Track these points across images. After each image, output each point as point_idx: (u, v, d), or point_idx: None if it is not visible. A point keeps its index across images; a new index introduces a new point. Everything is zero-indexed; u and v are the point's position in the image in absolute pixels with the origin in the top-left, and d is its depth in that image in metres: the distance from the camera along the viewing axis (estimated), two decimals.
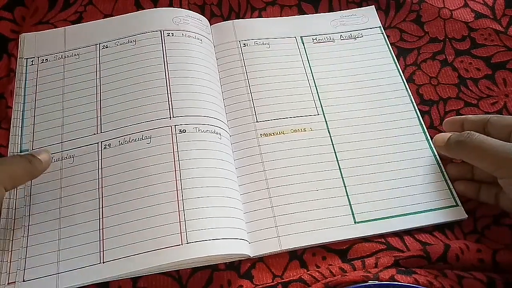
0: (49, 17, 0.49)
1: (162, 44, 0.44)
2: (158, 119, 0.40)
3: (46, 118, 0.42)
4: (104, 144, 0.39)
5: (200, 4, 0.51)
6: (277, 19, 0.51)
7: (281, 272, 0.37)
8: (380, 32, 0.50)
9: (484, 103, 0.45)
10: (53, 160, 0.39)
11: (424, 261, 0.37)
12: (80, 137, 0.40)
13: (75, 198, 0.38)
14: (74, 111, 0.42)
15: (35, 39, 0.46)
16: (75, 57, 0.44)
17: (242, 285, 0.37)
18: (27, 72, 0.44)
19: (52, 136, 0.41)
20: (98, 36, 0.46)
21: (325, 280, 0.35)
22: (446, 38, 0.49)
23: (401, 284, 0.33)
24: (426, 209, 0.40)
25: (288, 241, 0.38)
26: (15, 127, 0.42)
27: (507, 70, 0.47)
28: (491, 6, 0.51)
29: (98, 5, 0.50)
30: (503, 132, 0.37)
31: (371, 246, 0.38)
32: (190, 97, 0.42)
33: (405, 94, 0.46)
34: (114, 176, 0.38)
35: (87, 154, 0.39)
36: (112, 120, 0.41)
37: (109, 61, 0.44)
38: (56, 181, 0.39)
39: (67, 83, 0.43)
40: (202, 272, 0.37)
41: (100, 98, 0.42)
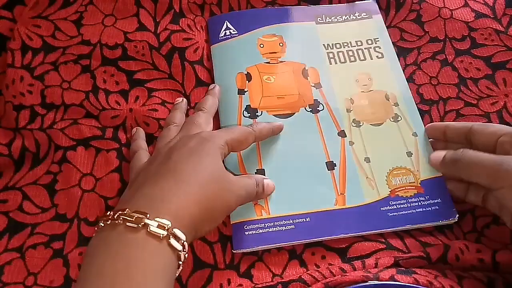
0: (48, 12, 0.49)
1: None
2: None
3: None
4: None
5: (200, 4, 0.51)
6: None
7: (281, 271, 0.37)
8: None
9: (484, 103, 0.45)
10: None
11: (424, 261, 0.37)
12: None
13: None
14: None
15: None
16: None
17: (242, 284, 0.37)
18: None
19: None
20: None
21: (325, 280, 0.35)
22: (446, 37, 0.49)
23: (401, 284, 0.33)
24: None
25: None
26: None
27: (507, 70, 0.47)
28: (491, 5, 0.51)
29: (98, 5, 0.50)
30: (489, 140, 0.37)
31: (371, 246, 0.38)
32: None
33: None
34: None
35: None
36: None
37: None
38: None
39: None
40: (202, 271, 0.37)
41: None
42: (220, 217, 0.35)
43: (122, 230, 0.29)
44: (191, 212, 0.31)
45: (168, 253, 0.29)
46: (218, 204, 0.34)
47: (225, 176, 0.35)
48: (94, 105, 0.44)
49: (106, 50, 0.47)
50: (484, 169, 0.35)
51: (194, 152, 0.34)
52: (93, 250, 0.30)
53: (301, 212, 0.39)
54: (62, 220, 0.40)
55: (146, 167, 0.36)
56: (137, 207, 0.30)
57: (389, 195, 0.40)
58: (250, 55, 0.47)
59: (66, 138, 0.43)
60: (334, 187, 0.40)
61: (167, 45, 0.48)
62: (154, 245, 0.29)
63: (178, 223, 0.30)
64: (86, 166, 0.42)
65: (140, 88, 0.46)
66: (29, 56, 0.46)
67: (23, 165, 0.42)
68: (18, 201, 0.40)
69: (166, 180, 0.32)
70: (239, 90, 0.45)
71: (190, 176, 0.33)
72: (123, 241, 0.29)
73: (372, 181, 0.41)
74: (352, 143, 0.43)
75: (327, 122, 0.44)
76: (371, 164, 0.42)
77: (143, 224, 0.29)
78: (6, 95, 0.44)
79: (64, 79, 0.46)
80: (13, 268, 0.37)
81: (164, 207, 0.30)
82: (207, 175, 0.33)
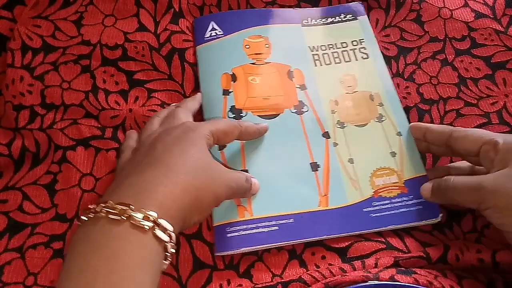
0: (48, 12, 0.49)
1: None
2: None
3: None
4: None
5: (199, 5, 0.51)
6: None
7: (281, 271, 0.37)
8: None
9: (484, 103, 0.45)
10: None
11: (424, 261, 0.37)
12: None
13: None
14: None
15: None
16: None
17: (241, 284, 0.37)
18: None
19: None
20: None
21: (325, 280, 0.35)
22: (446, 37, 0.49)
23: (401, 284, 0.33)
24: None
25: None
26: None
27: (507, 70, 0.47)
28: (491, 6, 0.51)
29: (98, 5, 0.50)
30: (470, 147, 0.37)
31: (371, 246, 0.38)
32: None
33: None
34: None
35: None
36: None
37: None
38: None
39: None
40: (202, 272, 0.37)
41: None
42: (208, 207, 0.34)
43: (104, 223, 0.28)
44: (178, 202, 0.30)
45: (154, 245, 0.28)
46: (207, 193, 0.33)
47: (214, 165, 0.34)
48: (94, 105, 0.44)
49: (106, 51, 0.47)
50: (468, 195, 0.35)
51: (180, 141, 0.33)
52: (74, 245, 0.29)
53: (284, 213, 0.39)
54: (62, 220, 0.40)
55: (131, 158, 0.36)
56: (121, 198, 0.29)
57: (372, 195, 0.40)
58: (235, 56, 0.47)
59: (66, 138, 0.43)
60: (318, 188, 0.40)
61: (167, 46, 0.48)
62: (138, 237, 0.28)
63: (165, 213, 0.29)
64: (85, 166, 0.42)
65: (140, 89, 0.46)
66: (29, 56, 0.46)
67: (23, 165, 0.42)
68: (18, 201, 0.40)
69: (151, 169, 0.31)
70: (224, 90, 0.45)
71: (176, 164, 0.32)
72: (106, 234, 0.28)
73: (355, 182, 0.41)
74: (336, 144, 0.43)
75: (311, 124, 0.44)
76: (354, 165, 0.42)
77: (127, 216, 0.28)
78: (6, 95, 0.44)
79: (64, 79, 0.46)
80: (13, 268, 0.37)
81: (150, 197, 0.29)
82: (194, 163, 0.32)
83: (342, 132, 0.43)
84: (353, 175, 0.41)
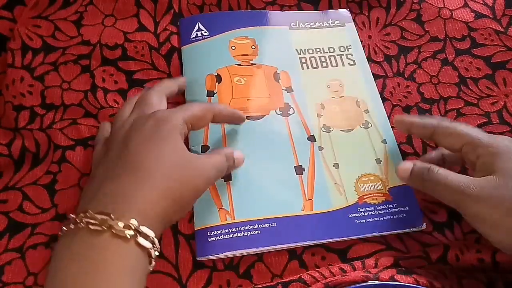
0: (48, 12, 0.49)
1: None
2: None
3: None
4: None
5: (199, 5, 0.51)
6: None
7: (280, 272, 0.37)
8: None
9: (484, 103, 0.45)
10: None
11: (424, 261, 0.37)
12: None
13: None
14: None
15: None
16: None
17: (241, 285, 0.37)
18: None
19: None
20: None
21: (325, 280, 0.35)
22: (447, 37, 0.49)
23: (401, 284, 0.33)
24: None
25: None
26: None
27: (507, 70, 0.47)
28: (491, 6, 0.51)
29: (98, 5, 0.50)
30: (453, 145, 0.36)
31: (371, 246, 0.38)
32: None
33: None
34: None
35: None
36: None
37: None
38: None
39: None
40: (202, 272, 0.37)
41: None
42: (189, 204, 0.34)
43: (85, 234, 0.28)
44: (158, 206, 0.30)
45: (137, 253, 0.28)
46: (186, 192, 0.32)
47: (189, 160, 0.33)
48: (93, 104, 0.44)
49: (106, 51, 0.47)
50: (450, 195, 0.34)
51: (151, 138, 0.32)
52: (56, 257, 0.29)
53: (267, 217, 0.38)
54: (62, 220, 0.40)
55: (104, 158, 0.34)
56: (100, 207, 0.29)
57: (357, 201, 0.40)
58: (221, 57, 0.47)
59: (65, 138, 0.43)
60: (302, 192, 0.40)
61: (166, 45, 0.48)
62: (121, 246, 0.27)
63: (146, 220, 0.29)
64: (85, 166, 0.42)
65: (139, 88, 0.46)
66: (29, 56, 0.46)
67: (23, 165, 0.42)
68: (18, 201, 0.40)
69: (127, 175, 0.30)
70: (208, 91, 0.44)
71: (152, 168, 0.31)
72: (87, 245, 0.28)
73: (340, 187, 0.41)
74: (322, 148, 0.42)
75: (297, 126, 0.43)
76: (339, 170, 0.41)
77: (108, 226, 0.27)
78: (6, 95, 0.44)
79: (64, 79, 0.46)
80: (13, 268, 0.37)
81: (129, 205, 0.29)
82: (170, 163, 0.31)
83: (328, 136, 0.43)
84: (338, 180, 0.41)
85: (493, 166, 0.33)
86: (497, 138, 0.35)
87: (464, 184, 0.33)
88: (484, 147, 0.34)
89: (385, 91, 0.47)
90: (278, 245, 0.37)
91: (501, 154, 0.33)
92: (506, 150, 0.33)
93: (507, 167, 0.32)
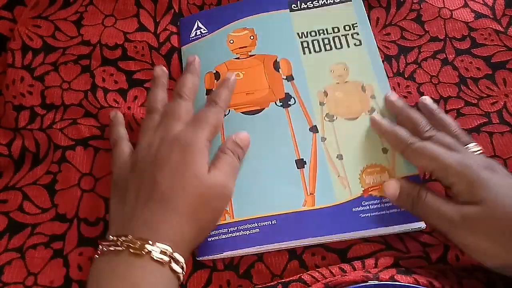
0: (48, 12, 0.49)
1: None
2: None
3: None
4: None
5: (199, 5, 0.51)
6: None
7: (280, 272, 0.37)
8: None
9: (484, 103, 0.45)
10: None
11: (424, 261, 0.37)
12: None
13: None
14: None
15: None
16: None
17: (241, 285, 0.37)
18: None
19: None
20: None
21: (325, 280, 0.35)
22: (447, 37, 0.49)
23: (401, 284, 0.33)
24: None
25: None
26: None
27: (507, 70, 0.47)
28: (491, 6, 0.50)
29: (98, 6, 0.50)
30: (424, 166, 0.37)
31: (371, 246, 0.38)
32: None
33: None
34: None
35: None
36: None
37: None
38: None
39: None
40: (202, 272, 0.37)
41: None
42: (210, 229, 0.37)
43: (126, 255, 0.31)
44: (186, 235, 0.33)
45: (170, 276, 0.32)
46: (210, 215, 0.36)
47: (209, 185, 0.35)
48: (93, 104, 0.44)
49: (106, 51, 0.47)
50: (437, 221, 0.34)
51: (177, 169, 0.34)
52: (98, 273, 0.32)
53: (266, 215, 0.37)
54: (62, 220, 0.40)
55: (133, 179, 0.36)
56: (138, 233, 0.32)
57: (362, 194, 0.38)
58: (219, 53, 0.45)
59: (65, 138, 0.43)
60: (304, 187, 0.38)
61: (166, 45, 0.48)
62: (157, 269, 0.31)
63: (177, 247, 0.32)
64: (85, 166, 0.42)
65: (139, 88, 0.46)
66: (29, 56, 0.46)
67: (23, 165, 0.42)
68: (18, 201, 0.40)
69: (157, 207, 0.33)
70: (208, 90, 0.44)
71: (178, 199, 0.34)
72: (129, 265, 0.31)
73: (344, 179, 0.39)
74: (324, 139, 0.41)
75: (298, 117, 0.42)
76: (343, 162, 0.40)
77: (147, 251, 0.31)
78: (6, 95, 0.45)
79: (64, 79, 0.46)
80: (13, 268, 0.38)
81: (163, 233, 0.32)
82: (195, 192, 0.34)
83: (331, 125, 0.41)
84: (341, 172, 0.39)
85: (473, 196, 0.33)
86: (468, 161, 0.34)
87: (451, 216, 0.33)
88: (456, 175, 0.34)
89: None
90: (279, 243, 0.37)
91: (475, 182, 0.33)
92: (477, 178, 0.33)
93: (489, 197, 0.32)
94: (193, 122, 0.38)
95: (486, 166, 0.34)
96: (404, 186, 0.36)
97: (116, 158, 0.38)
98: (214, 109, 0.39)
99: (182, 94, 0.39)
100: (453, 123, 0.40)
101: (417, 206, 0.35)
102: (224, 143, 0.39)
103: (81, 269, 0.38)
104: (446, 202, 0.34)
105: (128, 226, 0.33)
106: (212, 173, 0.35)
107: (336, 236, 0.37)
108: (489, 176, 0.33)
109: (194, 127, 0.37)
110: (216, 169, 0.36)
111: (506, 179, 0.33)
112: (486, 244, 0.32)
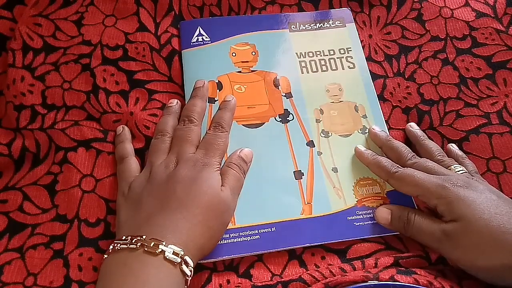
0: (48, 11, 0.49)
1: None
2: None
3: None
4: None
5: (199, 6, 0.51)
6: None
7: (280, 271, 0.38)
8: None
9: (484, 103, 0.45)
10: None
11: (424, 261, 0.37)
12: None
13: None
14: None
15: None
16: None
17: (240, 283, 0.37)
18: None
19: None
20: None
21: (325, 280, 0.35)
22: (447, 36, 0.49)
23: (401, 284, 0.33)
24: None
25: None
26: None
27: (507, 69, 0.47)
28: (492, 5, 0.50)
29: (99, 6, 0.50)
30: (409, 192, 0.39)
31: (371, 246, 0.38)
32: None
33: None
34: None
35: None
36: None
37: None
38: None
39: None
40: (201, 273, 0.38)
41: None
42: (219, 237, 0.38)
43: (141, 254, 0.33)
44: (197, 241, 0.35)
45: (179, 277, 0.33)
46: (219, 225, 0.37)
47: (219, 200, 0.37)
48: (95, 108, 0.44)
49: (106, 51, 0.47)
50: (428, 240, 0.37)
51: (196, 182, 0.37)
52: (111, 268, 0.34)
53: (266, 222, 0.39)
54: (62, 221, 0.40)
55: (150, 187, 0.38)
56: (153, 234, 0.34)
57: (355, 204, 0.41)
58: (222, 64, 0.47)
59: (67, 138, 0.43)
60: (302, 196, 0.41)
61: (167, 48, 0.48)
62: (169, 269, 0.33)
63: (188, 251, 0.34)
64: (86, 167, 0.42)
65: (140, 90, 0.46)
66: (30, 56, 0.46)
67: (23, 165, 0.42)
68: (18, 201, 0.40)
69: (174, 213, 0.35)
70: (209, 98, 0.45)
71: (194, 207, 0.36)
72: (143, 262, 0.32)
73: (339, 190, 0.41)
74: (320, 153, 0.43)
75: (296, 132, 0.44)
76: (338, 174, 0.42)
77: (160, 250, 0.33)
78: (7, 95, 0.45)
79: (65, 79, 0.46)
80: (13, 268, 0.38)
81: (176, 237, 0.34)
82: (208, 202, 0.36)
83: (326, 141, 0.44)
84: (337, 184, 0.42)
85: (453, 214, 0.35)
86: (447, 183, 0.37)
87: (437, 235, 0.36)
88: (436, 198, 0.36)
89: (385, 91, 0.47)
90: (277, 249, 0.38)
91: (453, 202, 0.35)
92: (455, 197, 0.36)
93: (466, 213, 0.35)
94: (204, 146, 0.41)
95: (464, 184, 0.37)
96: (394, 211, 0.39)
97: (124, 173, 0.40)
98: (222, 134, 0.42)
99: (192, 119, 0.42)
100: (436, 148, 0.42)
101: (408, 228, 0.38)
102: (230, 158, 0.41)
103: (81, 269, 0.38)
104: (432, 222, 0.37)
105: (144, 228, 0.35)
106: (224, 189, 0.38)
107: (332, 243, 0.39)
108: (466, 194, 0.36)
109: (206, 151, 0.40)
110: (227, 185, 0.38)
111: (484, 194, 0.36)
112: (469, 256, 0.34)
